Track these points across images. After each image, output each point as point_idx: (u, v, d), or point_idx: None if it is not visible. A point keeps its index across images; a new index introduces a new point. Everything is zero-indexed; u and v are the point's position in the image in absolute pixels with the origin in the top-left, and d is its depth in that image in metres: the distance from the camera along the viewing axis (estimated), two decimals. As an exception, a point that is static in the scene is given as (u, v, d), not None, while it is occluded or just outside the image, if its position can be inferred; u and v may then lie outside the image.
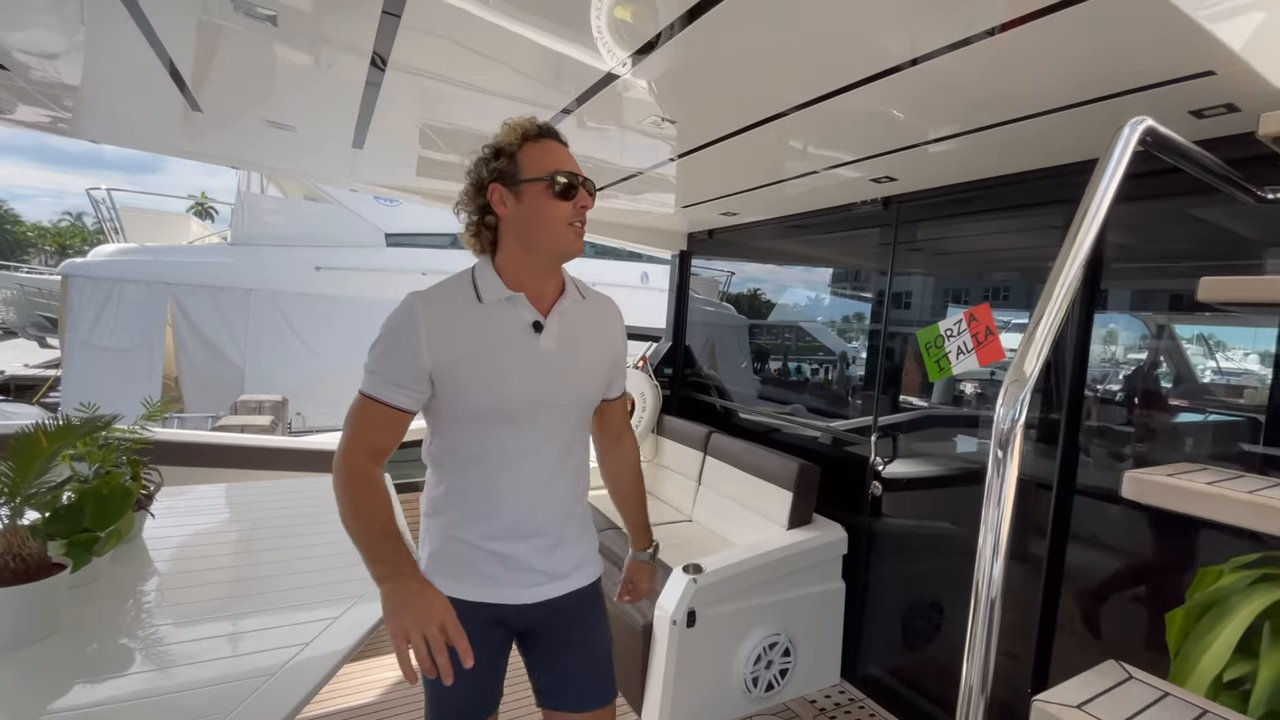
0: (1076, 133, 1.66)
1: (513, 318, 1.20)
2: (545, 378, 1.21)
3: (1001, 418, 0.84)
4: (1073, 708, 0.90)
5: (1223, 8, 1.13)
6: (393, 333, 1.15)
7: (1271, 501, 0.86)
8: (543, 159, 1.17)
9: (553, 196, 1.16)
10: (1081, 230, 0.96)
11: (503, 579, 1.23)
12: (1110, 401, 2.10)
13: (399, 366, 1.14)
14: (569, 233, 1.18)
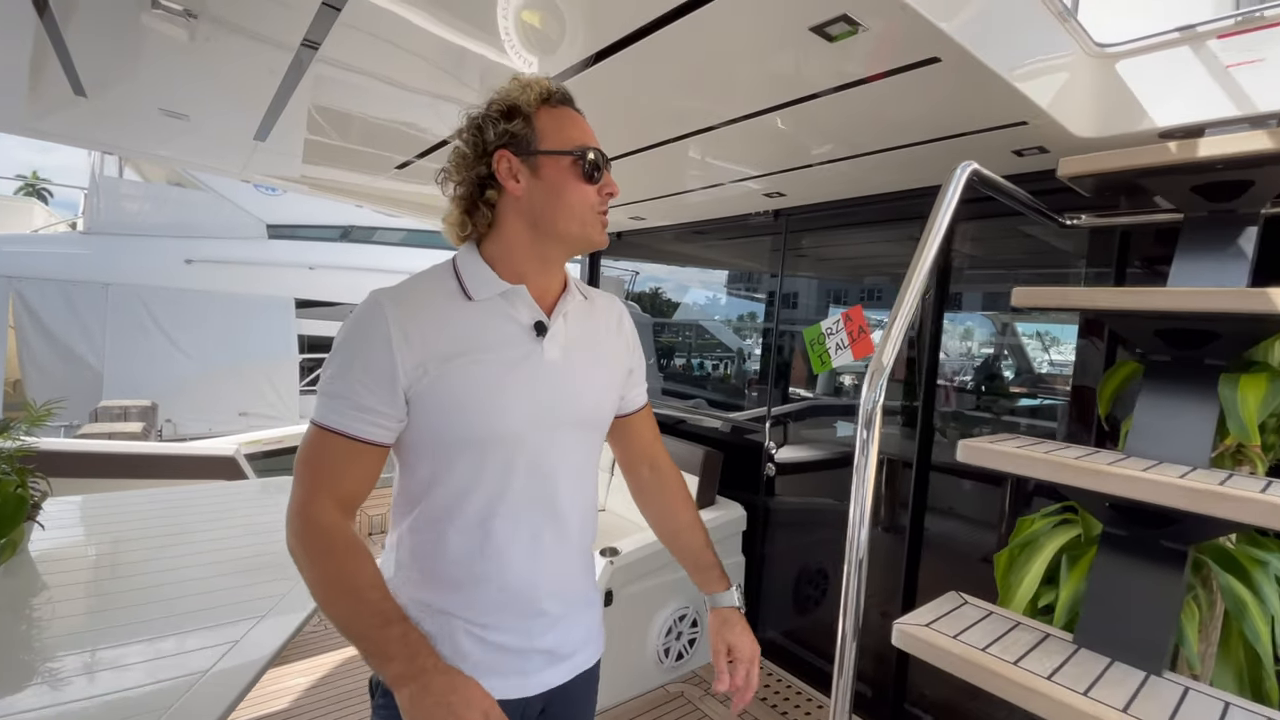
0: (931, 162, 1.98)
1: (509, 319, 0.97)
2: (551, 393, 0.98)
3: (865, 400, 1.05)
4: (923, 626, 1.14)
5: (1028, 70, 1.43)
6: (355, 342, 0.89)
7: (1061, 459, 1.14)
8: (567, 129, 0.97)
9: (579, 176, 0.96)
10: (925, 247, 1.20)
11: (495, 665, 0.95)
12: (960, 389, 2.48)
13: (367, 386, 0.88)
14: (597, 220, 0.99)
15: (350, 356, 0.89)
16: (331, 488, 0.89)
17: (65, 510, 2.12)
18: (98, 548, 1.94)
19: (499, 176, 0.95)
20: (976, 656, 1.06)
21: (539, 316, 0.99)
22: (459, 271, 0.98)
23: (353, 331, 0.91)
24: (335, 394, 0.89)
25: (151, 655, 1.33)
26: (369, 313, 0.91)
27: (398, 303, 0.91)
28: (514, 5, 1.24)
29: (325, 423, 0.89)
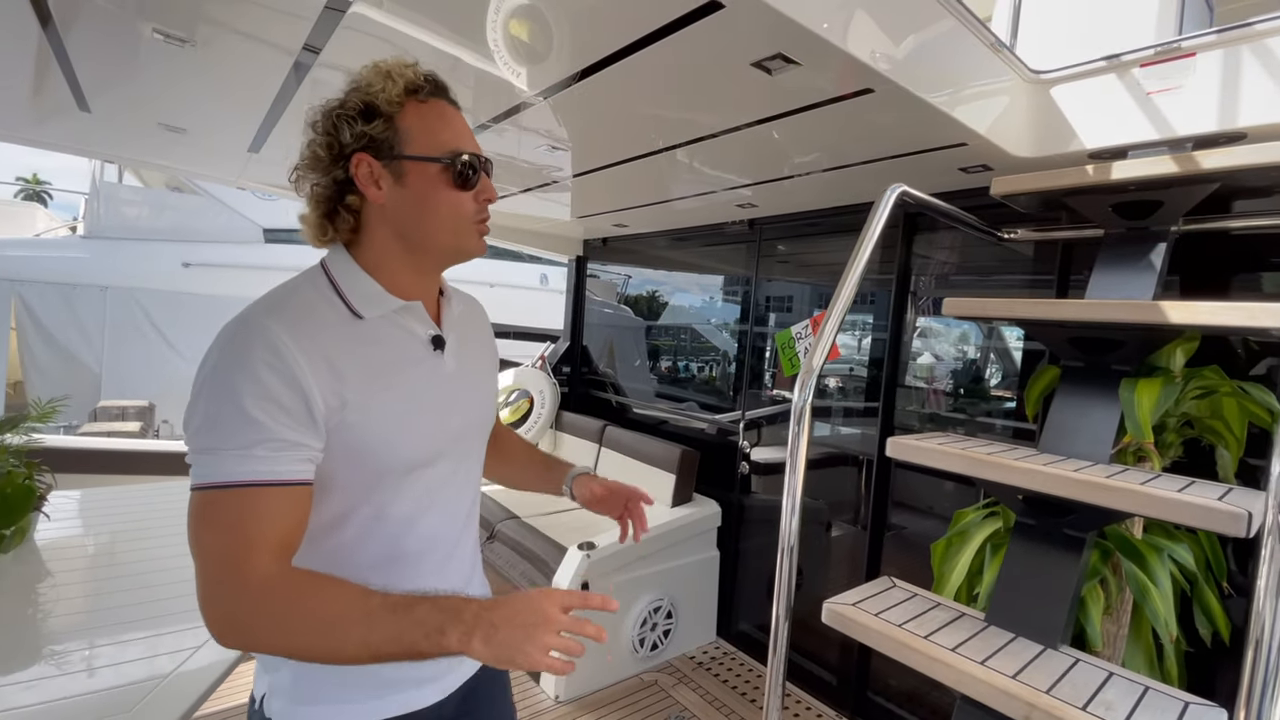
0: (886, 177, 2.09)
1: (408, 335, 0.89)
2: (455, 405, 0.94)
3: (796, 400, 1.17)
4: (850, 605, 1.26)
5: (964, 96, 1.55)
6: (259, 372, 0.74)
7: (974, 454, 1.26)
8: (435, 130, 0.86)
9: (451, 184, 0.86)
10: (854, 262, 1.32)
11: (408, 678, 0.90)
12: (940, 392, 2.60)
13: (290, 421, 0.74)
14: (473, 231, 0.90)
15: (252, 390, 0.73)
16: (268, 539, 0.73)
17: (67, 503, 2.22)
18: (96, 540, 2.05)
19: (358, 183, 0.84)
20: (892, 631, 1.17)
21: (434, 330, 0.92)
22: (338, 284, 0.86)
23: (245, 362, 0.74)
24: (241, 439, 0.72)
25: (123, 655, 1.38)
26: (261, 341, 0.75)
27: (291, 328, 0.77)
28: (503, 20, 1.29)
29: (246, 477, 0.72)
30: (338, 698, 0.87)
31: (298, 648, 0.70)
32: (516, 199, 3.05)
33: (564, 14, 1.23)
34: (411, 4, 1.26)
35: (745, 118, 1.66)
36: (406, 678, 0.90)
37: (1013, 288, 2.42)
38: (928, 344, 2.67)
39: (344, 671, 0.85)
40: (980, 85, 1.62)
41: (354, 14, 1.28)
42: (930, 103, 1.44)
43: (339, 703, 0.87)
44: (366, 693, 0.88)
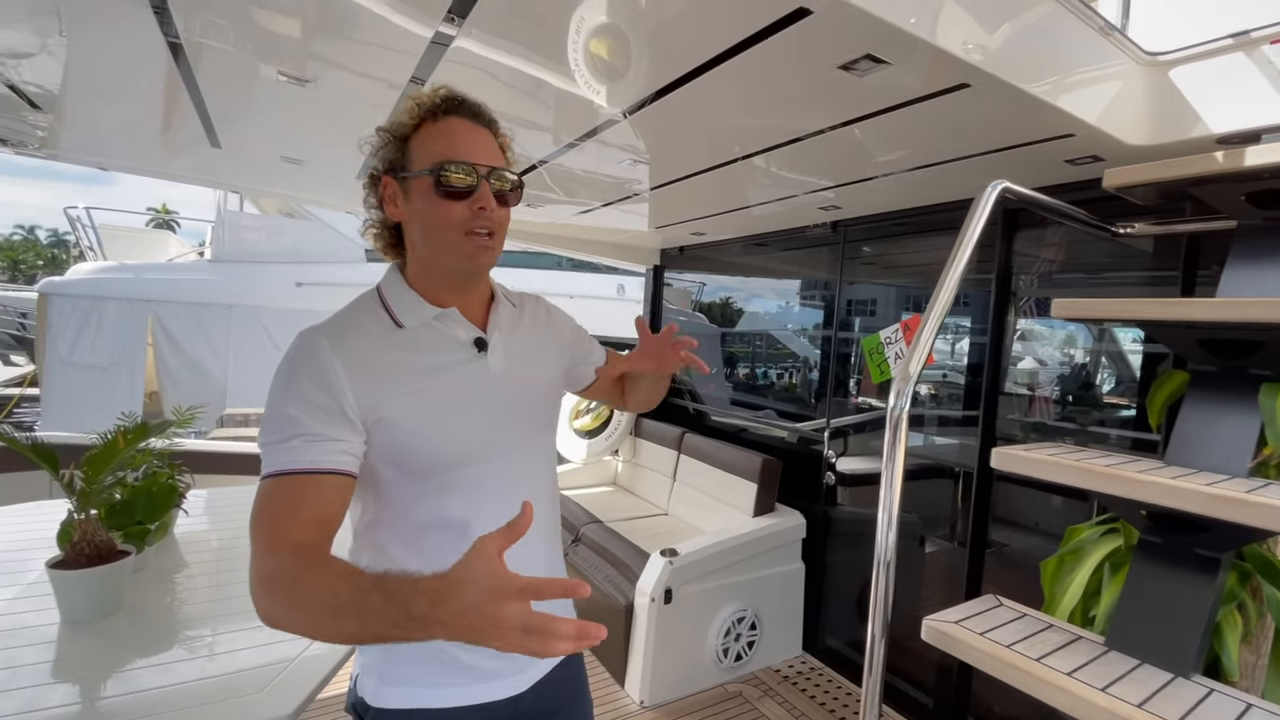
0: (982, 173, 2.00)
1: (448, 339, 0.95)
2: (502, 404, 0.97)
3: (893, 408, 1.13)
4: (952, 622, 1.20)
5: (1070, 84, 1.46)
6: (302, 380, 0.83)
7: (1090, 466, 1.17)
8: (433, 144, 0.90)
9: (440, 195, 0.88)
10: (953, 263, 1.26)
11: (486, 669, 0.94)
12: (1047, 399, 2.44)
13: (324, 417, 0.82)
14: (465, 244, 0.90)
15: (298, 394, 0.82)
16: (299, 519, 0.78)
17: (198, 501, 2.46)
18: (223, 535, 2.26)
19: (385, 204, 0.94)
20: (1000, 652, 1.11)
21: (476, 333, 0.97)
22: (385, 300, 0.94)
23: (295, 371, 0.84)
24: (288, 433, 0.80)
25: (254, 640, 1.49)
26: (307, 353, 0.85)
27: (334, 338, 0.87)
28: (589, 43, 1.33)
29: (282, 467, 0.79)
30: (418, 681, 0.92)
31: (310, 629, 0.71)
32: (597, 213, 3.13)
33: (650, 32, 1.26)
34: (506, 34, 1.33)
35: (830, 120, 1.64)
36: (483, 669, 0.94)
37: (1126, 286, 2.24)
38: (1028, 348, 2.51)
39: (423, 657, 0.91)
40: (1088, 71, 1.52)
41: (456, 47, 1.37)
42: (1033, 94, 1.36)
43: (419, 686, 0.92)
44: (445, 679, 0.92)
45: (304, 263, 8.36)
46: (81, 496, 1.49)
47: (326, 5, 1.27)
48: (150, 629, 1.53)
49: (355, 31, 1.39)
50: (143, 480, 1.77)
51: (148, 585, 1.73)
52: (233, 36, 1.44)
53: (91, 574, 1.47)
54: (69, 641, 1.42)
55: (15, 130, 2.29)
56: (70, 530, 1.50)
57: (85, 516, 1.51)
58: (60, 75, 1.76)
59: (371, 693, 0.93)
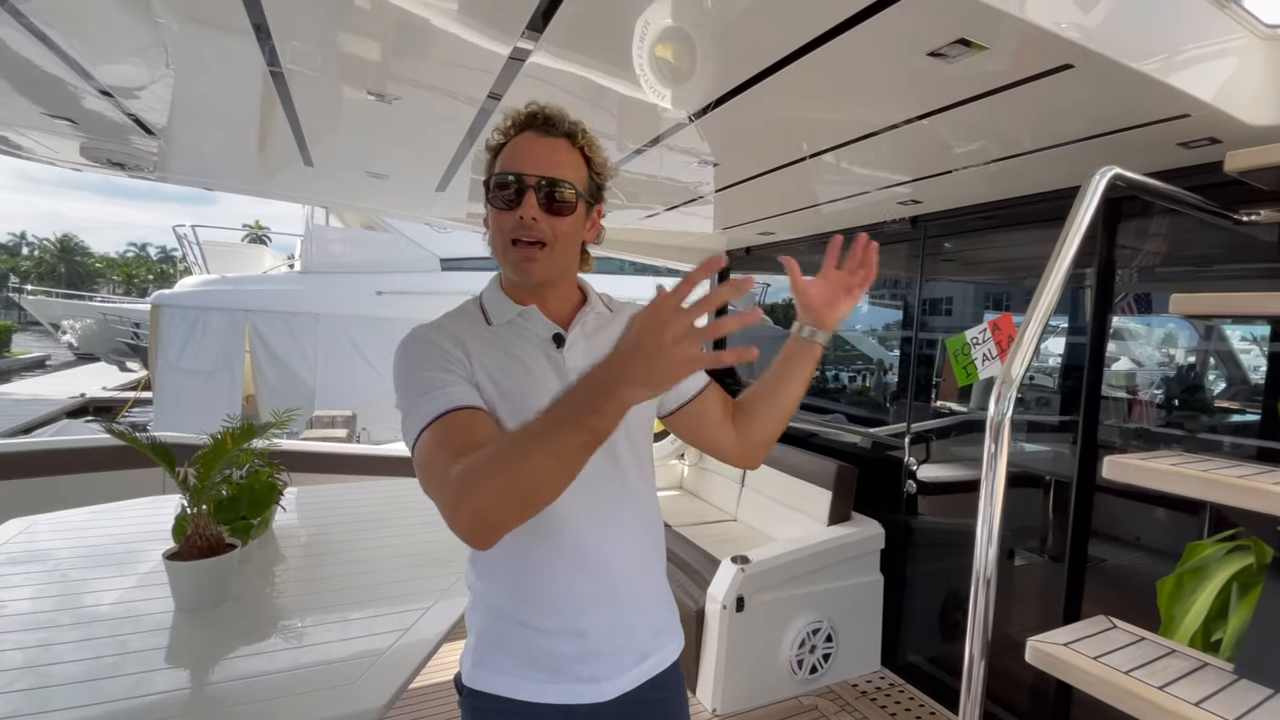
0: (1083, 159, 1.87)
1: (529, 335, 0.99)
2: None
3: (993, 414, 1.06)
4: (1061, 645, 1.12)
5: (1182, 61, 1.34)
6: (426, 346, 0.93)
7: (1219, 477, 1.06)
8: (502, 158, 0.96)
9: (495, 206, 0.95)
10: (1060, 256, 1.18)
11: (569, 671, 0.96)
12: (1149, 403, 2.25)
13: (458, 368, 0.91)
14: (511, 253, 0.95)
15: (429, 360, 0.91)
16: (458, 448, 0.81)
17: (290, 498, 2.61)
18: (314, 530, 2.38)
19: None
20: (1118, 679, 1.02)
21: (555, 329, 1.01)
22: (482, 302, 1.03)
23: (413, 353, 0.93)
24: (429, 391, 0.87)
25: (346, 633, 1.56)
26: (421, 337, 0.95)
27: (442, 328, 0.97)
28: (656, 48, 1.32)
29: (436, 412, 0.85)
30: (509, 670, 0.97)
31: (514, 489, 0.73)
32: (661, 217, 3.12)
33: (723, 31, 1.25)
34: (580, 48, 1.35)
35: (915, 111, 1.56)
36: (570, 672, 0.96)
37: (1240, 280, 2.03)
38: (1123, 347, 2.32)
39: (517, 649, 0.96)
40: (1202, 46, 1.39)
41: (532, 63, 1.40)
42: (1144, 72, 1.26)
43: (509, 675, 0.96)
44: (534, 673, 0.96)
45: (384, 272, 8.85)
46: (194, 492, 1.61)
47: (412, 27, 1.32)
48: (253, 618, 1.63)
49: (437, 51, 1.44)
50: (246, 478, 1.89)
51: (251, 577, 1.84)
52: (326, 60, 1.52)
53: (202, 565, 1.58)
54: (181, 628, 1.53)
55: (132, 155, 2.51)
56: (184, 524, 1.62)
57: (197, 511, 1.62)
58: (169, 103, 1.91)
59: (468, 673, 1.00)
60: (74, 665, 1.35)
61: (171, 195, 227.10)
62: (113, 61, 1.63)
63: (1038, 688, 2.26)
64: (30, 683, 1.28)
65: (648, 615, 1.04)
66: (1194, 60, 1.37)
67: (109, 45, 1.55)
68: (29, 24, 1.39)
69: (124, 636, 1.47)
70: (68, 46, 1.52)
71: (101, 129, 2.17)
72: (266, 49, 1.45)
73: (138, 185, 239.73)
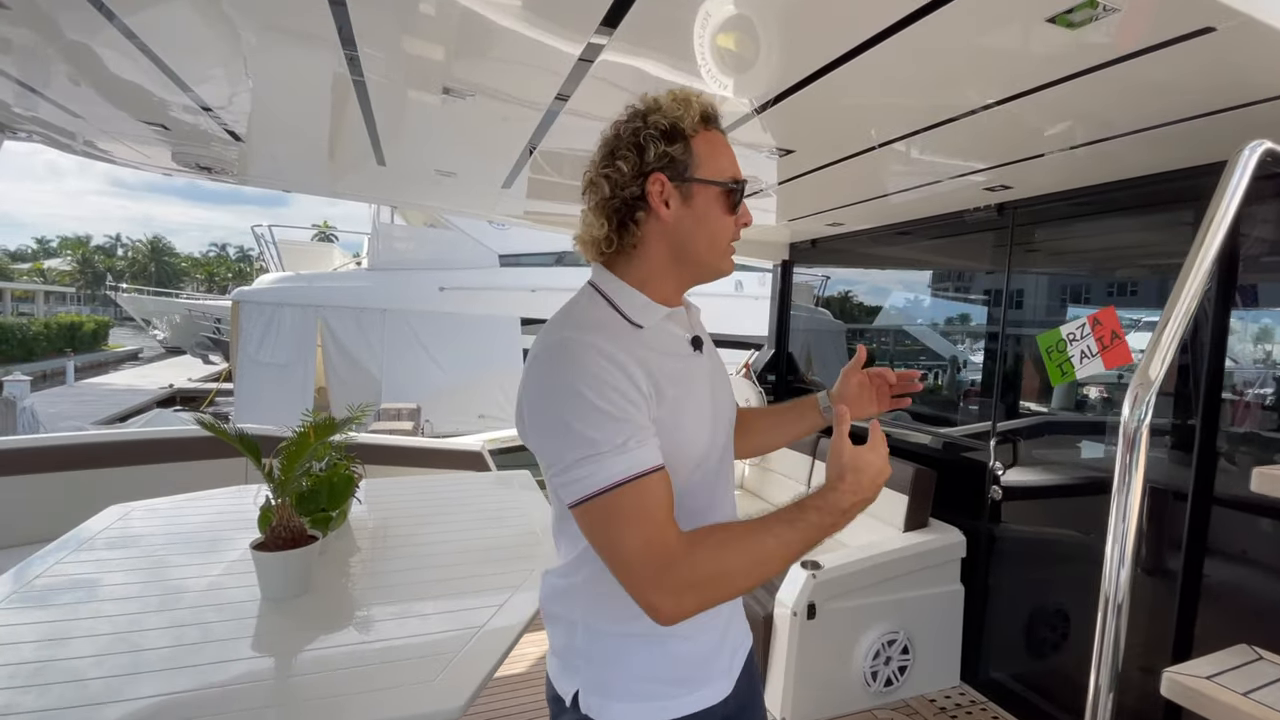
0: (1205, 137, 1.69)
1: (676, 339, 0.96)
2: (719, 402, 0.99)
3: (1128, 420, 0.94)
4: (1202, 678, 1.00)
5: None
6: (601, 379, 0.81)
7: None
8: (720, 157, 0.93)
9: (726, 208, 0.93)
10: (1206, 241, 1.05)
11: (699, 676, 0.95)
12: (1253, 404, 2.04)
13: (638, 410, 0.82)
14: (729, 251, 0.98)
15: (607, 396, 0.80)
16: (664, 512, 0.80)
17: (360, 490, 2.67)
18: (384, 521, 2.42)
19: (650, 200, 0.90)
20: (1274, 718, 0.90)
21: (693, 332, 1.00)
22: (612, 300, 0.92)
23: (587, 373, 0.81)
24: (616, 441, 0.78)
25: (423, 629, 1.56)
26: (591, 349, 0.83)
27: (606, 337, 0.85)
28: (713, 38, 1.28)
29: (630, 473, 0.78)
30: (648, 694, 0.92)
31: (738, 583, 0.80)
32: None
33: (805, 14, 1.17)
34: (649, 43, 1.30)
35: (1027, 84, 1.43)
36: (697, 676, 0.95)
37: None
38: (1241, 346, 2.09)
39: (643, 670, 0.92)
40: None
41: (602, 61, 1.36)
42: (1298, 34, 1.11)
43: (648, 700, 0.92)
44: (671, 689, 0.93)
45: (446, 269, 9.10)
46: (279, 484, 1.64)
47: (486, 27, 1.31)
48: (331, 611, 1.65)
49: (507, 51, 1.43)
50: (326, 471, 1.93)
51: (328, 568, 1.88)
52: (402, 61, 1.53)
53: (287, 556, 1.61)
54: (264, 616, 1.57)
55: (218, 159, 2.62)
56: (269, 515, 1.66)
57: (282, 503, 1.66)
58: (250, 111, 1.97)
59: (598, 709, 0.92)
60: (162, 641, 1.42)
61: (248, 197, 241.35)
62: (203, 73, 1.69)
63: (1144, 712, 2.08)
64: (123, 655, 1.35)
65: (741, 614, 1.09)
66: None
67: (199, 58, 1.60)
68: (135, 40, 1.44)
69: (209, 620, 1.53)
70: (165, 57, 1.57)
71: (191, 136, 2.26)
72: (345, 54, 1.47)
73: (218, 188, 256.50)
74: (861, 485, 0.83)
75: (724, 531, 0.81)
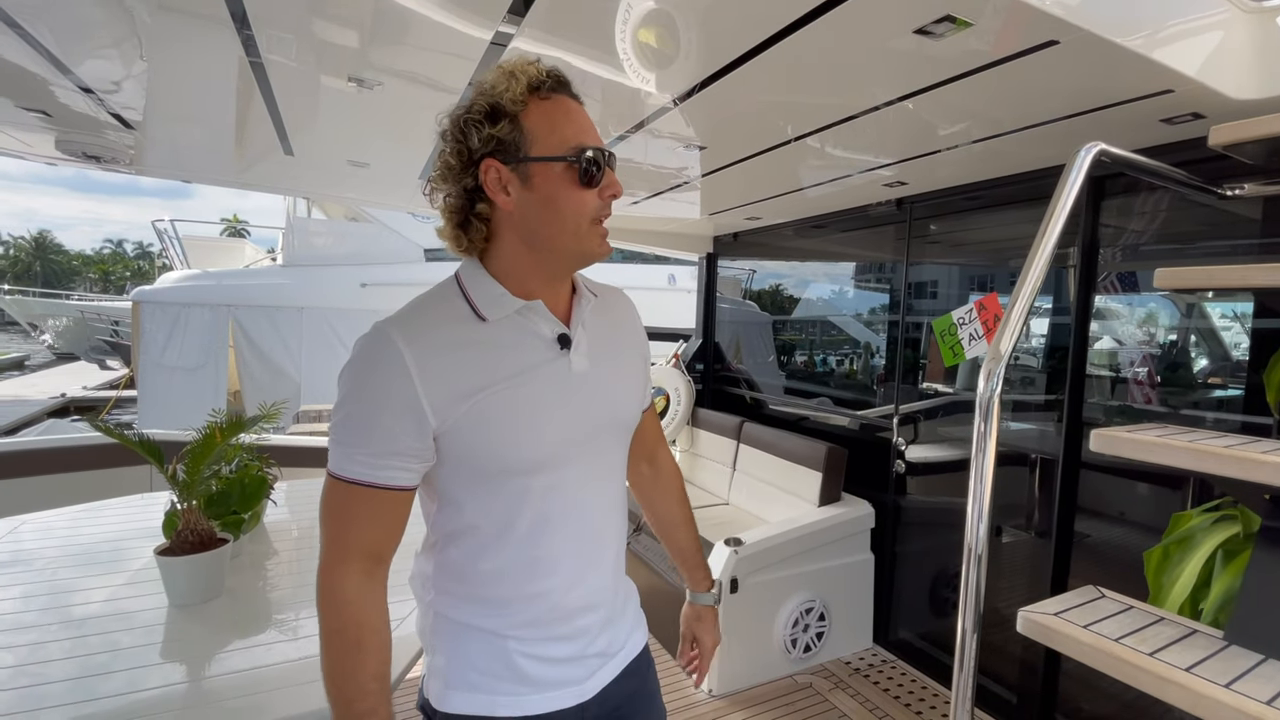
0: (1068, 137, 1.87)
1: (530, 335, 0.89)
2: (583, 406, 0.91)
3: (982, 392, 1.06)
4: (1050, 615, 1.14)
5: (1168, 36, 1.35)
6: (371, 382, 0.80)
7: (1206, 447, 1.08)
8: (559, 127, 0.84)
9: (575, 182, 0.83)
10: (1046, 232, 1.19)
11: (553, 677, 0.92)
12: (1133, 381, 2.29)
13: (391, 430, 0.80)
14: (594, 232, 0.87)
15: (372, 401, 0.80)
16: (359, 543, 0.83)
17: (279, 493, 2.59)
18: (303, 524, 2.36)
19: (487, 189, 0.83)
20: (1108, 646, 1.04)
21: (560, 329, 0.91)
22: (466, 291, 0.87)
23: (365, 371, 0.80)
24: (353, 441, 0.81)
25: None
26: (380, 349, 0.81)
27: (411, 335, 0.82)
28: (640, 31, 1.31)
29: (344, 474, 0.81)
30: (485, 688, 0.89)
31: (321, 641, 0.87)
32: (646, 203, 3.11)
33: (706, 11, 1.23)
34: (563, 32, 1.33)
35: (900, 91, 1.56)
36: (546, 678, 0.91)
37: (1223, 256, 2.06)
38: (1106, 326, 2.35)
39: (489, 663, 0.90)
40: (1187, 21, 1.40)
41: (514, 48, 1.38)
42: (1128, 48, 1.26)
43: (486, 693, 0.89)
44: (511, 686, 0.90)
45: (367, 264, 8.76)
46: (184, 487, 1.59)
47: (392, 12, 1.30)
48: (248, 612, 1.62)
49: (417, 37, 1.42)
50: (236, 472, 1.87)
51: (243, 571, 1.83)
52: (305, 47, 1.49)
53: (196, 560, 1.56)
54: (175, 624, 1.52)
55: (107, 148, 2.45)
56: (175, 519, 1.61)
57: (188, 506, 1.61)
58: (145, 96, 1.86)
59: (437, 695, 0.91)
60: (66, 665, 1.34)
61: (147, 189, 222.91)
62: (88, 55, 1.59)
63: (1026, 660, 2.31)
64: (23, 684, 1.26)
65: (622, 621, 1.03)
66: (1178, 35, 1.38)
67: (84, 40, 1.51)
68: (3, 15, 1.35)
69: (115, 635, 1.46)
70: (43, 39, 1.48)
71: (77, 122, 2.12)
72: (244, 38, 1.42)
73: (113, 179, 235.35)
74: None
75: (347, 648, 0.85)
